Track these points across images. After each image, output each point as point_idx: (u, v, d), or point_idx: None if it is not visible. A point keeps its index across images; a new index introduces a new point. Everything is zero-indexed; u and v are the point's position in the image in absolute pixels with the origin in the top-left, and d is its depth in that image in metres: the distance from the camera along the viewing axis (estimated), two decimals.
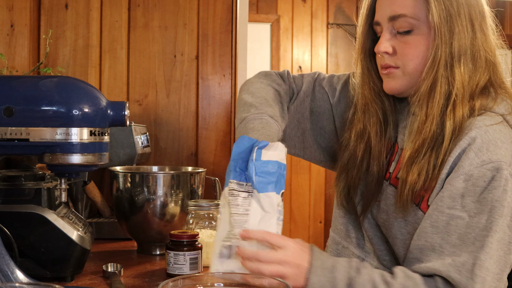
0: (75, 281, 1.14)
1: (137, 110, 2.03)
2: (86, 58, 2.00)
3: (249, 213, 0.99)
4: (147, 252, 1.41)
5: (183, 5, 2.06)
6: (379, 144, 1.16)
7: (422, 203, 1.06)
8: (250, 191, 1.00)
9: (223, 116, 2.08)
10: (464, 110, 1.06)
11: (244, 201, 1.00)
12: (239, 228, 0.99)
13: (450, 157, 1.03)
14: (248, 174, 1.01)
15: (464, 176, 1.00)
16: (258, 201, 1.00)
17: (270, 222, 1.00)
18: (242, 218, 0.99)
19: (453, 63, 1.06)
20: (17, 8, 1.94)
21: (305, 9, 4.29)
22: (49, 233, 1.10)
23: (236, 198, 1.00)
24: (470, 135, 1.03)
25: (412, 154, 1.07)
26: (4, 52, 1.89)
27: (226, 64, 2.08)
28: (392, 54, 1.11)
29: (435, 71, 1.06)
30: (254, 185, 1.00)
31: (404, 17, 1.08)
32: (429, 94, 1.07)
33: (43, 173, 1.16)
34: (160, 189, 1.36)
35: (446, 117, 1.06)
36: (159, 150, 2.04)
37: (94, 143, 1.01)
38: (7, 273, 0.99)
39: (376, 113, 1.17)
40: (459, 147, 1.03)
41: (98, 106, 1.01)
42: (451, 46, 1.06)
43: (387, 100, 1.18)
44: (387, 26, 1.11)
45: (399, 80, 1.12)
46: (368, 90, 1.18)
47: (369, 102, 1.18)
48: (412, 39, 1.09)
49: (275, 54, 4.23)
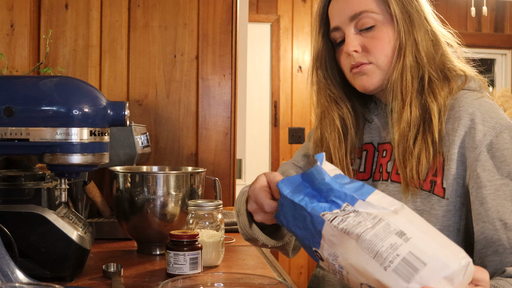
0: (75, 281, 1.14)
1: (137, 110, 2.03)
2: (86, 58, 2.01)
3: (392, 224, 0.72)
4: (147, 252, 1.41)
5: (183, 5, 2.06)
6: (340, 151, 1.18)
7: (436, 187, 1.06)
8: (354, 210, 0.76)
9: (223, 116, 2.08)
10: (444, 91, 1.10)
11: (366, 220, 0.74)
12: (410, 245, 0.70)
13: (456, 137, 1.05)
14: (336, 194, 0.77)
15: (485, 147, 1.03)
16: (375, 206, 0.76)
17: (411, 214, 0.75)
18: (387, 234, 0.71)
19: (418, 47, 1.11)
20: (17, 8, 1.94)
21: (305, 9, 4.30)
22: (49, 233, 1.10)
23: (358, 224, 0.74)
24: (468, 111, 1.07)
25: (399, 140, 1.09)
26: (4, 52, 1.89)
27: (226, 64, 2.08)
28: (362, 52, 1.13)
29: (403, 58, 1.10)
30: (352, 199, 0.77)
31: (366, 13, 1.12)
32: (400, 81, 1.10)
33: (43, 173, 1.16)
34: (160, 189, 1.36)
35: (427, 98, 1.09)
36: (159, 150, 2.04)
37: (94, 143, 1.01)
38: (7, 273, 0.99)
39: (333, 121, 1.19)
40: (462, 126, 1.06)
41: (98, 106, 1.01)
42: (413, 32, 1.11)
43: (345, 106, 1.20)
44: (349, 27, 1.14)
45: (374, 75, 1.14)
46: (324, 98, 1.21)
47: (326, 109, 1.21)
48: (377, 33, 1.13)
49: (275, 54, 4.23)
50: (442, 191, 1.06)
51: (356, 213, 0.75)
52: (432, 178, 1.07)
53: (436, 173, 1.07)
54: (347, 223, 0.74)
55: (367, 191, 0.77)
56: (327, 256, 0.77)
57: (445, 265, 0.68)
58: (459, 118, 1.07)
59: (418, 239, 0.70)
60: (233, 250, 1.46)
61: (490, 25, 4.75)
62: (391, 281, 0.69)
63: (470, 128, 1.05)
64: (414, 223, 0.73)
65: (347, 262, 0.75)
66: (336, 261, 0.77)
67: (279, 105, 4.23)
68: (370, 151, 1.19)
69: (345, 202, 0.77)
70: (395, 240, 0.70)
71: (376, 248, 0.71)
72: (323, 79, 1.21)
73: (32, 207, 1.11)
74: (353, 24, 1.13)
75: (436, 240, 0.72)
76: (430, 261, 0.68)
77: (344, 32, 1.15)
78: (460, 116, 1.07)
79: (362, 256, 0.72)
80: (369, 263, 0.71)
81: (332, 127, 1.19)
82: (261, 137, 4.22)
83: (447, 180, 1.05)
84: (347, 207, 0.76)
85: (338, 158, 1.17)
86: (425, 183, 1.07)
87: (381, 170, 1.16)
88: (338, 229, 0.74)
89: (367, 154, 1.20)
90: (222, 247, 1.30)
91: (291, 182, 0.82)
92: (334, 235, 0.75)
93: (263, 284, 0.92)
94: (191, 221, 1.30)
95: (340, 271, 0.77)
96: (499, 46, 4.79)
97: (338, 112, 1.19)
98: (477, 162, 1.03)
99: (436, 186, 1.06)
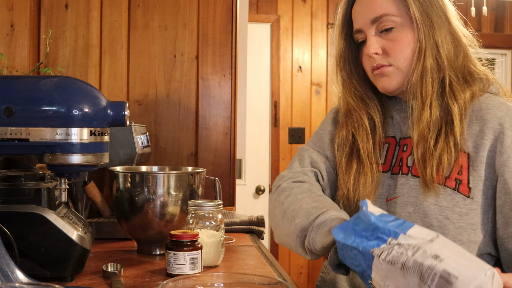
0: (75, 281, 1.14)
1: (137, 110, 2.03)
2: (86, 58, 2.01)
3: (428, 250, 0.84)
4: (147, 252, 1.41)
5: (183, 5, 2.06)
6: (368, 145, 1.19)
7: (461, 186, 1.08)
8: (398, 243, 0.87)
9: (223, 116, 2.08)
10: (466, 94, 1.11)
11: (407, 250, 0.86)
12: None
13: (485, 140, 1.07)
14: (382, 231, 0.89)
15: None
16: (414, 238, 0.87)
17: (445, 240, 0.87)
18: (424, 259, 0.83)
19: (438, 49, 1.12)
20: (17, 8, 1.94)
21: (305, 9, 4.29)
22: (49, 233, 1.10)
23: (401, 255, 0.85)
24: (496, 115, 1.08)
25: (419, 140, 1.11)
26: (4, 52, 1.89)
27: (226, 64, 2.08)
28: (382, 54, 1.15)
29: (423, 60, 1.12)
30: (396, 233, 0.88)
31: (386, 16, 1.14)
32: (421, 82, 1.12)
33: (43, 173, 1.16)
34: (160, 189, 1.36)
35: (448, 101, 1.11)
36: (159, 150, 2.04)
37: (94, 143, 1.01)
38: (7, 273, 0.99)
39: (361, 118, 1.21)
40: (491, 130, 1.07)
41: (98, 106, 1.01)
42: (433, 35, 1.12)
43: (372, 102, 1.22)
44: (370, 29, 1.16)
45: (394, 77, 1.16)
46: (350, 96, 1.23)
47: (352, 107, 1.22)
48: (397, 36, 1.14)
49: (275, 54, 4.23)
50: (468, 190, 1.07)
51: (399, 245, 0.87)
52: (457, 177, 1.08)
53: (461, 172, 1.08)
54: (392, 256, 0.86)
55: (407, 226, 0.89)
56: (380, 283, 0.89)
57: (474, 277, 0.78)
58: (487, 121, 1.08)
59: (449, 259, 0.81)
60: (233, 250, 1.46)
61: (490, 25, 4.75)
62: None
63: (499, 133, 1.07)
64: (447, 247, 0.85)
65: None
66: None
67: (279, 105, 4.23)
68: (392, 144, 1.21)
69: (389, 237, 0.89)
70: (431, 262, 0.82)
71: (419, 271, 0.83)
72: (347, 79, 1.23)
73: (32, 207, 1.11)
74: (374, 27, 1.16)
75: (464, 257, 0.83)
76: (460, 274, 0.79)
77: (365, 34, 1.17)
78: (488, 119, 1.08)
79: (410, 279, 0.84)
80: (416, 285, 0.83)
81: (360, 124, 1.20)
82: (261, 137, 4.22)
83: (474, 180, 1.07)
84: (391, 241, 0.88)
85: (367, 153, 1.19)
86: (448, 180, 1.08)
87: (401, 164, 1.17)
88: (386, 261, 0.87)
89: (388, 147, 1.21)
90: (222, 247, 1.30)
91: (343, 228, 0.95)
92: (382, 268, 0.88)
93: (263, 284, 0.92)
94: (191, 221, 1.30)
95: None
96: (499, 46, 4.79)
97: (366, 108, 1.21)
98: (505, 168, 1.05)
99: (461, 185, 1.08)
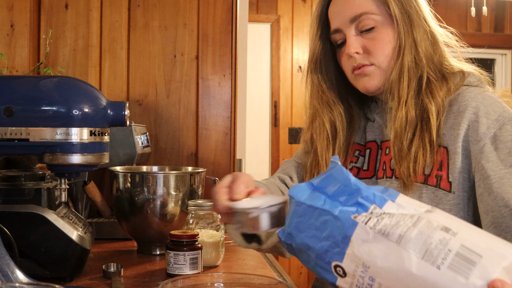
0: (75, 281, 1.14)
1: (137, 110, 2.03)
2: (86, 58, 2.00)
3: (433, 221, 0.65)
4: (147, 252, 1.41)
5: (183, 5, 2.06)
6: (327, 153, 1.19)
7: (442, 182, 1.07)
8: (384, 212, 0.68)
9: (223, 116, 2.08)
10: (443, 90, 1.11)
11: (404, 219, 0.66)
12: None
13: (460, 131, 1.07)
14: (364, 195, 0.69)
15: (489, 139, 1.04)
16: (405, 208, 0.68)
17: (445, 214, 0.69)
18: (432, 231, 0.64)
19: (417, 47, 1.11)
20: (17, 8, 1.94)
21: (305, 9, 4.29)
22: (49, 233, 1.10)
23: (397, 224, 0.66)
24: (471, 105, 1.08)
25: (395, 139, 1.10)
26: (4, 52, 1.89)
27: (226, 64, 2.08)
28: (363, 53, 1.14)
29: (402, 58, 1.11)
30: (381, 200, 0.69)
31: (366, 15, 1.13)
32: (398, 81, 1.11)
33: (43, 173, 1.16)
34: (160, 189, 1.36)
35: (424, 99, 1.10)
36: (159, 150, 2.04)
37: (94, 143, 1.01)
38: (7, 273, 0.99)
39: (323, 124, 1.20)
40: (465, 119, 1.07)
41: (98, 106, 1.01)
42: (412, 33, 1.11)
43: (336, 109, 1.21)
44: (349, 29, 1.15)
45: (375, 76, 1.15)
46: (316, 100, 1.22)
47: (317, 111, 1.21)
48: (377, 34, 1.13)
49: (275, 54, 4.23)
50: (449, 185, 1.07)
51: (389, 214, 0.66)
52: (437, 173, 1.08)
53: (441, 167, 1.08)
54: (384, 223, 0.65)
55: (394, 193, 0.71)
56: (354, 268, 0.67)
57: (502, 255, 0.62)
58: (463, 112, 1.08)
59: (465, 233, 0.64)
60: (233, 250, 1.46)
61: (490, 25, 4.75)
62: (447, 280, 0.62)
63: (473, 121, 1.06)
64: (454, 220, 0.67)
65: (383, 271, 0.65)
66: (366, 272, 0.66)
67: (279, 105, 4.23)
68: (374, 149, 1.20)
69: (372, 204, 0.68)
70: (443, 235, 0.63)
71: (424, 247, 0.63)
72: (316, 82, 1.22)
73: (32, 207, 1.11)
74: (353, 26, 1.14)
75: (481, 232, 0.66)
76: (485, 252, 0.62)
77: (344, 34, 1.16)
78: (463, 111, 1.08)
79: (406, 259, 0.63)
80: (415, 266, 0.63)
81: (322, 129, 1.20)
82: (261, 137, 4.22)
83: (453, 173, 1.06)
84: (375, 209, 0.67)
85: (325, 160, 1.19)
86: (430, 178, 1.08)
87: (384, 168, 1.16)
88: (375, 231, 0.65)
89: (370, 152, 1.20)
90: (222, 247, 1.30)
91: (303, 189, 0.72)
92: (367, 240, 0.66)
93: (263, 284, 0.91)
94: (191, 221, 1.30)
95: (370, 284, 0.67)
96: (499, 46, 4.80)
97: (329, 114, 1.20)
98: (481, 154, 1.04)
99: (442, 181, 1.07)
